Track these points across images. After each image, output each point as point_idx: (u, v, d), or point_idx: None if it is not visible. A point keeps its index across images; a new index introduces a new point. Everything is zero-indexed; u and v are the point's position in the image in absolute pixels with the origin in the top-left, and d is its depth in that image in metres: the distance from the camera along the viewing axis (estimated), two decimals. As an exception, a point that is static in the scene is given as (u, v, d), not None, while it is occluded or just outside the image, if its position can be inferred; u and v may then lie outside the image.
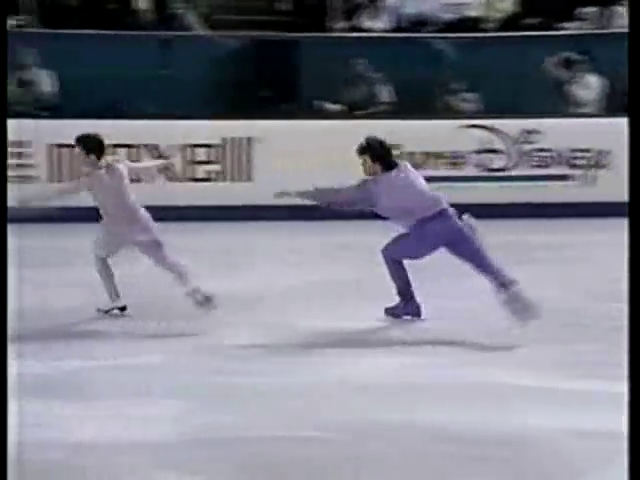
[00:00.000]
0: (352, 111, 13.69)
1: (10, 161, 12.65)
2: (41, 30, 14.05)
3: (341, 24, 14.46)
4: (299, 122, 13.33)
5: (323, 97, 13.77)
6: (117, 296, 8.09)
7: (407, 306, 8.20)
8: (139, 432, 5.51)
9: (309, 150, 12.75)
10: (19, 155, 12.72)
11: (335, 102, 13.75)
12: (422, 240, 8.01)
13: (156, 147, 12.98)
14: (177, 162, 12.28)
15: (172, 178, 13.04)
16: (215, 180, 13.30)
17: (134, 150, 12.95)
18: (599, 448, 5.21)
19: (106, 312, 8.08)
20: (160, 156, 12.67)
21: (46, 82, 13.45)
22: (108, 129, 12.81)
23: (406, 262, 8.14)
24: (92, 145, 8.11)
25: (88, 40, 13.85)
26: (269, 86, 14.01)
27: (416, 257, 8.14)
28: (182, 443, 5.35)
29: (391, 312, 8.23)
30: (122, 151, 12.92)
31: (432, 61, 14.06)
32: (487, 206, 11.68)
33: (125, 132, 12.99)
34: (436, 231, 7.97)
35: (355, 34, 14.29)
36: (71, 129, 12.80)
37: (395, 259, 8.15)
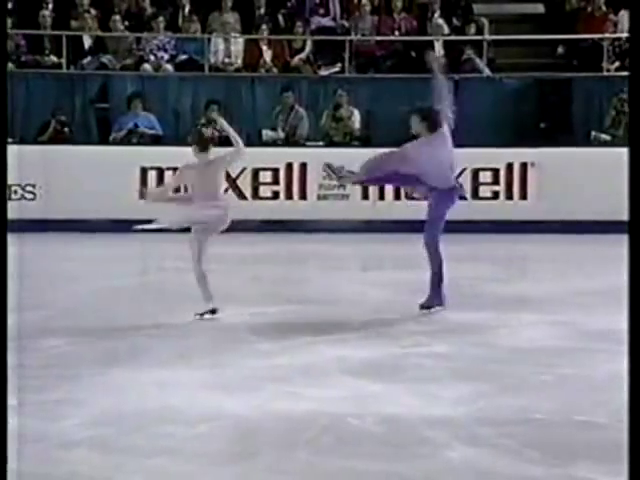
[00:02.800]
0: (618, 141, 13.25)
1: (327, 182, 13.00)
2: (354, 75, 14.28)
3: (615, 64, 14.02)
4: (573, 149, 13.03)
5: (595, 128, 13.39)
6: (210, 299, 7.61)
7: (437, 296, 7.73)
8: (438, 409, 5.42)
9: (578, 173, 12.44)
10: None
11: (604, 133, 13.33)
12: (446, 208, 7.67)
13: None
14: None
15: (461, 196, 12.96)
16: (495, 198, 13.11)
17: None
18: None
19: (201, 315, 7.59)
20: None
21: (356, 118, 13.62)
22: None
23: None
24: (203, 141, 7.76)
25: (391, 82, 14.03)
26: (547, 119, 13.79)
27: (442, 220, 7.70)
28: (473, 421, 5.23)
29: (427, 306, 7.77)
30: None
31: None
32: None
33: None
34: (453, 201, 7.70)
35: (623, 73, 13.84)
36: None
37: (437, 240, 7.69)
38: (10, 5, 14.40)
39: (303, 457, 4.69)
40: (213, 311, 7.64)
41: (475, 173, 12.97)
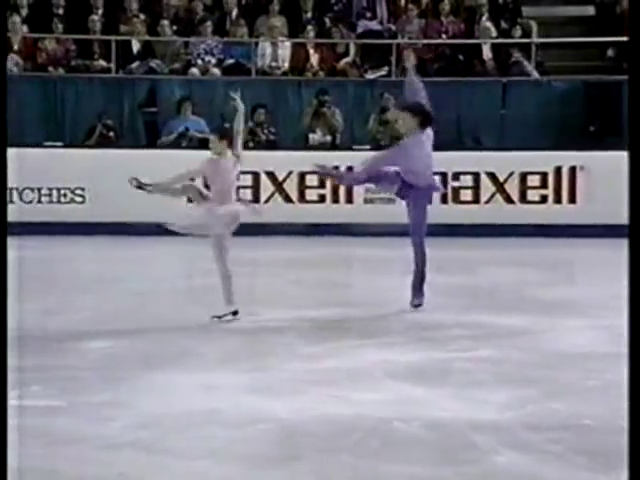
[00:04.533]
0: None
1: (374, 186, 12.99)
2: (401, 79, 14.22)
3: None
4: (622, 153, 12.88)
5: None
6: (231, 302, 7.57)
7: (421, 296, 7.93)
8: (484, 414, 5.38)
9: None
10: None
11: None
12: (427, 205, 7.84)
13: (493, 174, 12.91)
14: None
15: (509, 200, 12.91)
16: (543, 202, 13.02)
17: (474, 177, 12.94)
18: None
19: (220, 318, 7.56)
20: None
21: (403, 121, 13.59)
22: (453, 159, 13.09)
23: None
24: (226, 135, 7.67)
25: (438, 86, 13.96)
26: (596, 122, 13.67)
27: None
28: (518, 426, 5.19)
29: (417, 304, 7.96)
30: (466, 178, 12.95)
31: None
32: None
33: (469, 162, 13.03)
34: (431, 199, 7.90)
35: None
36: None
37: (424, 240, 7.83)
38: (61, 10, 14.56)
39: (348, 461, 4.68)
40: (235, 313, 7.61)
41: (523, 177, 12.90)
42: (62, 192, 12.84)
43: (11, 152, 13.22)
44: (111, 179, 12.67)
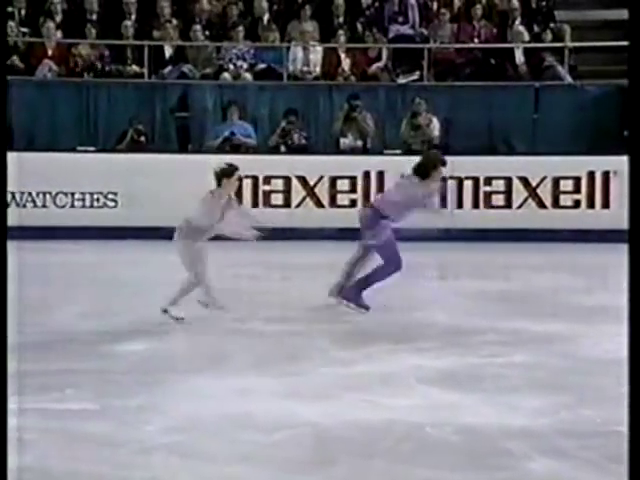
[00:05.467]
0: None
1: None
2: (433, 83, 14.24)
3: None
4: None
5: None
6: (175, 304, 7.71)
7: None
8: (517, 420, 5.36)
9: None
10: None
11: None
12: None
13: (526, 179, 12.87)
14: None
15: (541, 205, 12.87)
16: (576, 207, 12.97)
17: (507, 181, 12.91)
18: None
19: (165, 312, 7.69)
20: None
21: (435, 126, 13.58)
22: (485, 163, 13.08)
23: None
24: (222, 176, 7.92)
25: (470, 90, 13.97)
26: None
27: None
28: (554, 432, 5.17)
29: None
30: (498, 182, 12.92)
31: None
32: None
33: (501, 166, 13.01)
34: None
35: None
36: (454, 165, 13.10)
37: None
38: (94, 16, 14.67)
39: (381, 466, 4.68)
40: (165, 311, 7.70)
41: (556, 181, 12.85)
42: (95, 197, 12.93)
43: (44, 157, 13.44)
44: (143, 183, 12.75)
